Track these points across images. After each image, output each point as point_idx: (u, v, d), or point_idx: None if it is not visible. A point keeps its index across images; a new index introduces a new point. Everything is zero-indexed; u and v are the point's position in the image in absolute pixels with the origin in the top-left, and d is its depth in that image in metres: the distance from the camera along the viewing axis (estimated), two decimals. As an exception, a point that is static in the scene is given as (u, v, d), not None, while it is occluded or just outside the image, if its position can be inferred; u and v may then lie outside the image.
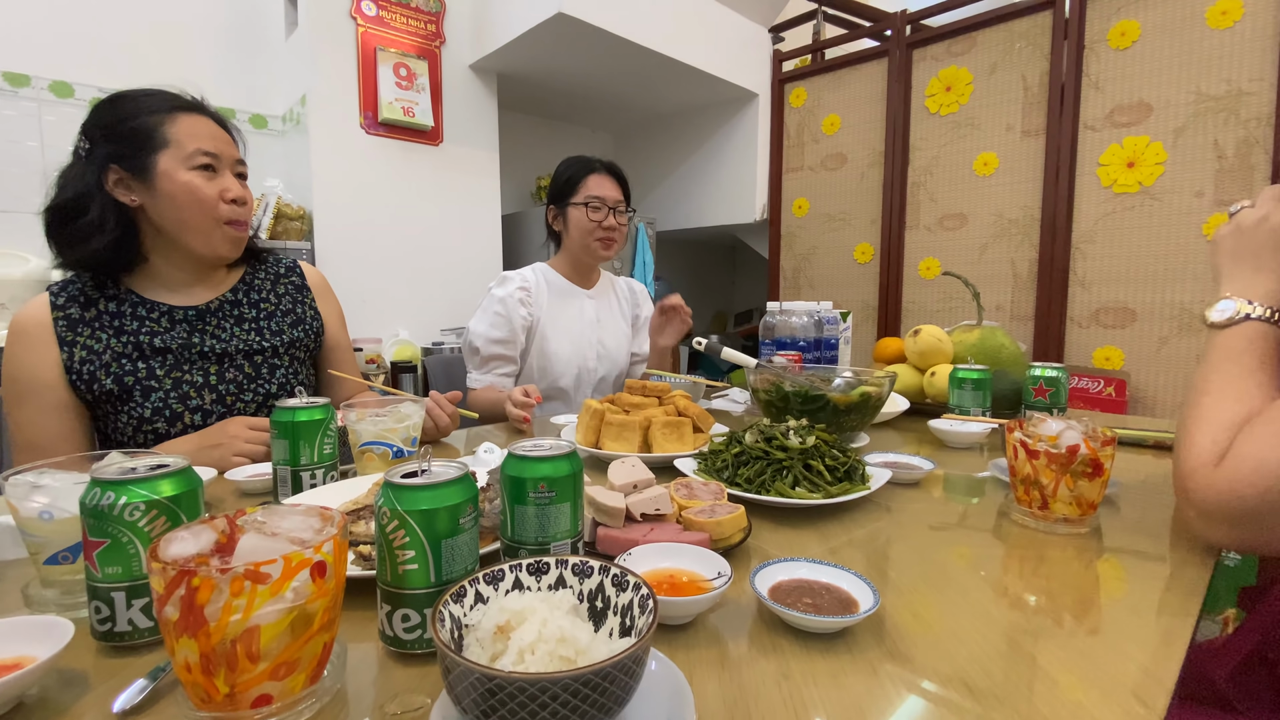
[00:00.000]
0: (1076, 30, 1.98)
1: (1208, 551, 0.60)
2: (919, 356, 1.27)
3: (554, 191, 1.46)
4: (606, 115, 3.38)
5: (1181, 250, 1.85)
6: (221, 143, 0.92)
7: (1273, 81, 1.67)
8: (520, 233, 2.90)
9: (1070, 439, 0.63)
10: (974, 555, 0.59)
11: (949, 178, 2.31)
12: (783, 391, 0.94)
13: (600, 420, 0.88)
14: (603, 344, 1.51)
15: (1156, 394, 1.93)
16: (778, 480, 0.69)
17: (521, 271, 1.45)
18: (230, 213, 0.92)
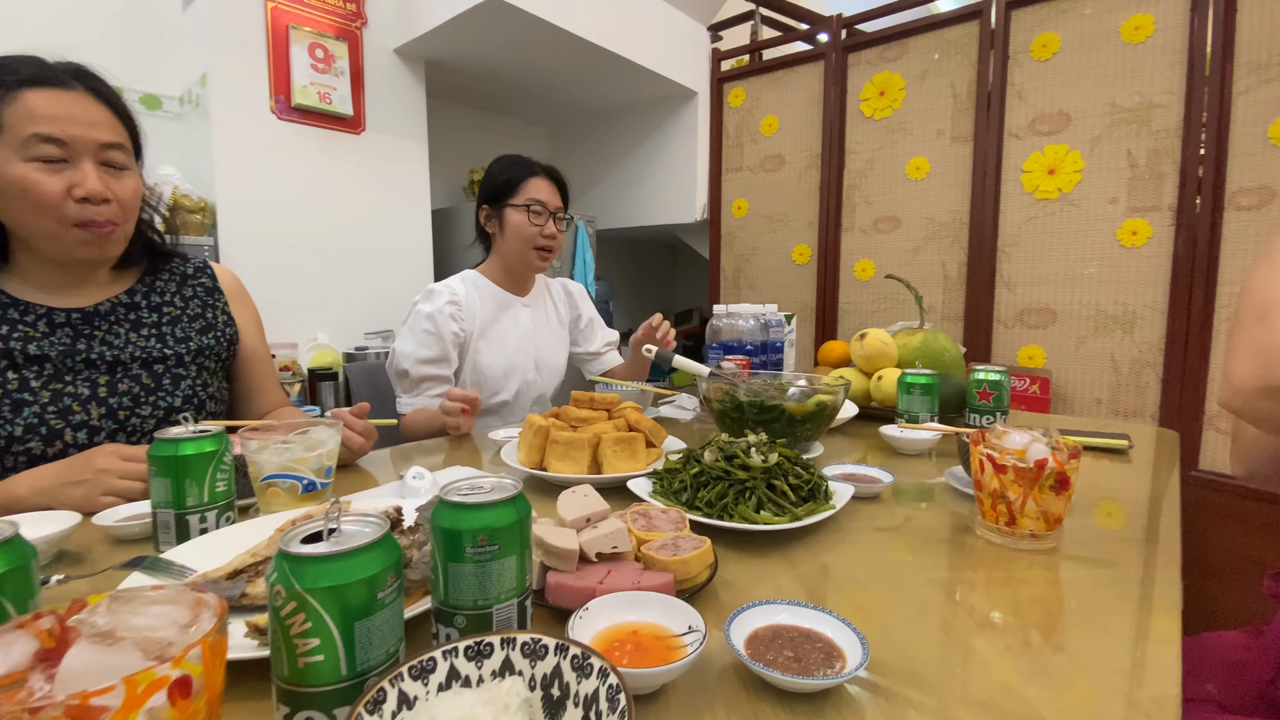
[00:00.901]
0: (1001, 41, 2.04)
1: (1171, 559, 0.60)
2: (865, 360, 1.26)
3: (489, 191, 1.35)
4: (543, 108, 3.27)
5: (1097, 254, 1.95)
6: (79, 125, 0.74)
7: (1181, 95, 1.77)
8: (452, 228, 2.76)
9: (1038, 453, 0.61)
10: (949, 581, 0.56)
11: (883, 181, 2.35)
12: (737, 401, 0.90)
13: (545, 438, 0.80)
14: (541, 355, 1.42)
15: (1075, 390, 2.02)
16: (741, 503, 0.63)
17: (449, 283, 1.33)
18: (80, 213, 0.75)
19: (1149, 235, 1.86)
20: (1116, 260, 1.92)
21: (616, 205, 3.24)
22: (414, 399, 1.27)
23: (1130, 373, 1.92)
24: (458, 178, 3.09)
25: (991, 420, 1.13)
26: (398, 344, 1.27)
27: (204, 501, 0.58)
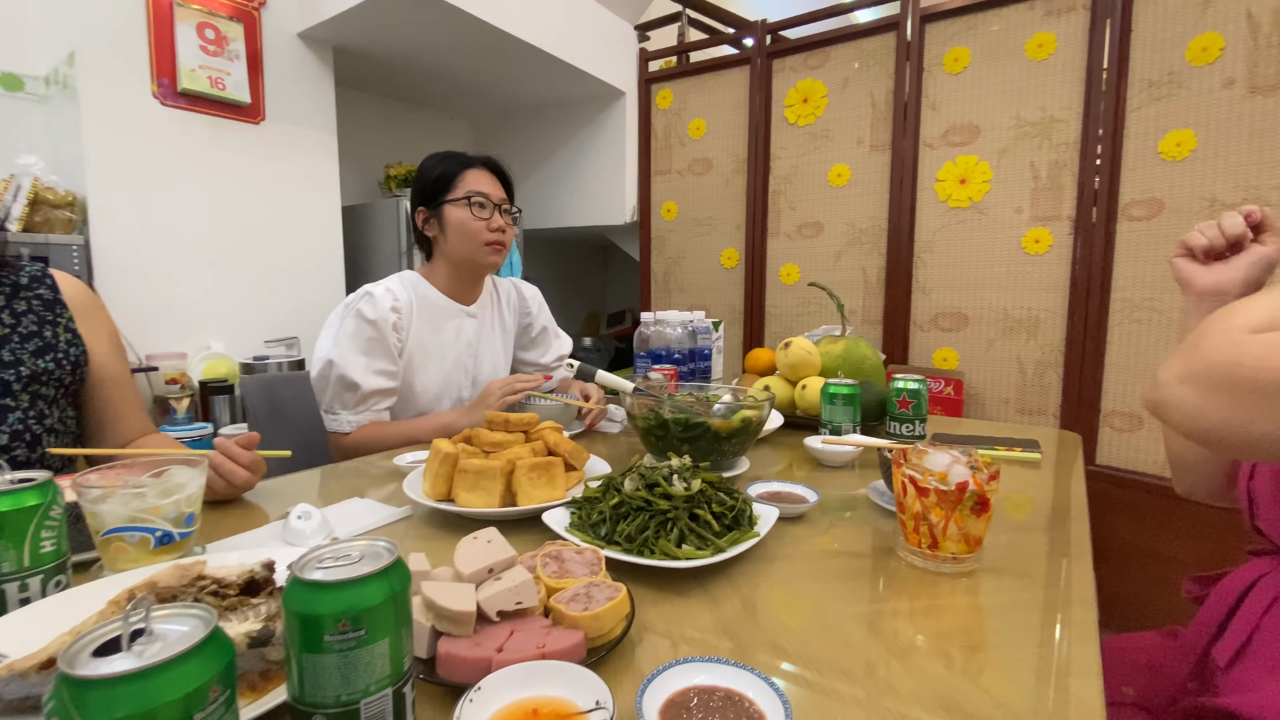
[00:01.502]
0: (917, 53, 2.11)
1: (1084, 572, 0.60)
2: (790, 369, 1.26)
3: (423, 191, 1.23)
4: (466, 102, 3.14)
5: (1004, 260, 2.05)
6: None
7: (1079, 111, 1.88)
8: (366, 226, 2.60)
9: (959, 475, 0.61)
10: (873, 615, 0.54)
11: (806, 187, 2.39)
12: (661, 419, 0.86)
13: (453, 466, 0.73)
14: (480, 371, 1.31)
15: (985, 390, 2.12)
16: (662, 536, 0.59)
17: (389, 285, 1.19)
18: None
19: (1050, 243, 1.97)
20: (1021, 267, 2.02)
21: (544, 205, 3.16)
22: (358, 415, 1.15)
23: (1034, 374, 2.03)
24: (372, 172, 2.91)
25: (911, 428, 1.15)
26: (335, 353, 1.12)
27: (24, 566, 0.49)
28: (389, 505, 0.77)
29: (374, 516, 0.73)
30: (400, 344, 1.16)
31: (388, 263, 2.52)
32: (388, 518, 0.73)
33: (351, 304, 1.15)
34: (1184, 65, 1.71)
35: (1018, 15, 1.95)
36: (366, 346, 1.12)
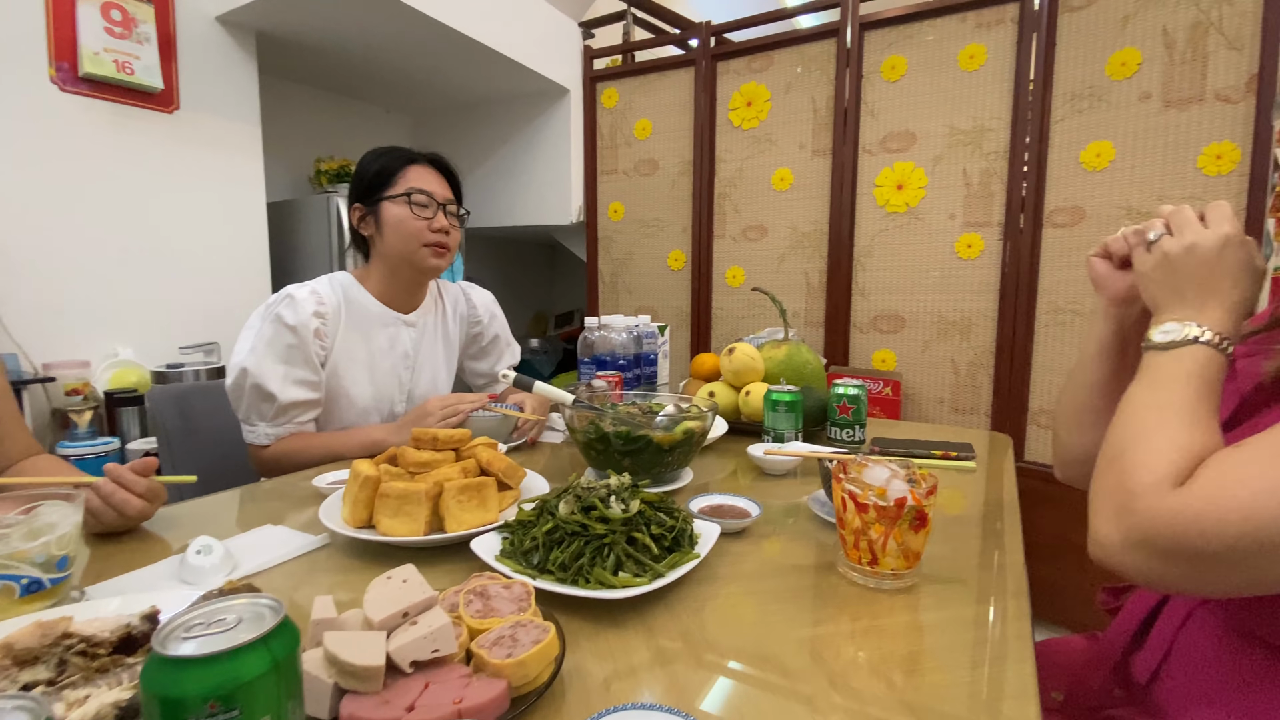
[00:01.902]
0: (856, 60, 2.15)
1: (1018, 588, 0.61)
2: (734, 375, 1.25)
3: (361, 187, 1.14)
4: (404, 95, 3.02)
5: (939, 264, 2.11)
6: None
7: (1008, 121, 1.95)
8: (294, 223, 2.46)
9: (897, 491, 0.60)
10: (814, 640, 0.52)
11: (751, 190, 2.40)
12: (602, 432, 0.83)
13: (374, 491, 0.68)
14: (417, 385, 1.23)
15: (922, 391, 2.18)
16: (597, 563, 0.56)
17: (315, 287, 1.09)
18: None
19: (981, 248, 2.04)
20: (955, 271, 2.09)
21: (487, 203, 3.08)
22: (276, 427, 1.06)
23: (967, 374, 2.10)
24: (301, 167, 2.77)
25: (851, 433, 1.16)
26: (251, 361, 1.03)
27: None
28: (305, 533, 0.72)
29: (286, 547, 0.67)
30: (324, 352, 1.08)
31: (318, 262, 2.40)
32: (301, 548, 0.68)
33: (271, 307, 1.06)
34: (1104, 79, 1.80)
35: (951, 26, 2.02)
36: (285, 354, 1.04)
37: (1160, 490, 0.46)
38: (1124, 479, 0.49)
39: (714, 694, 0.45)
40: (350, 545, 0.69)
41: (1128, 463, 0.49)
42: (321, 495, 0.84)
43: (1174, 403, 0.51)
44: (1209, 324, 0.54)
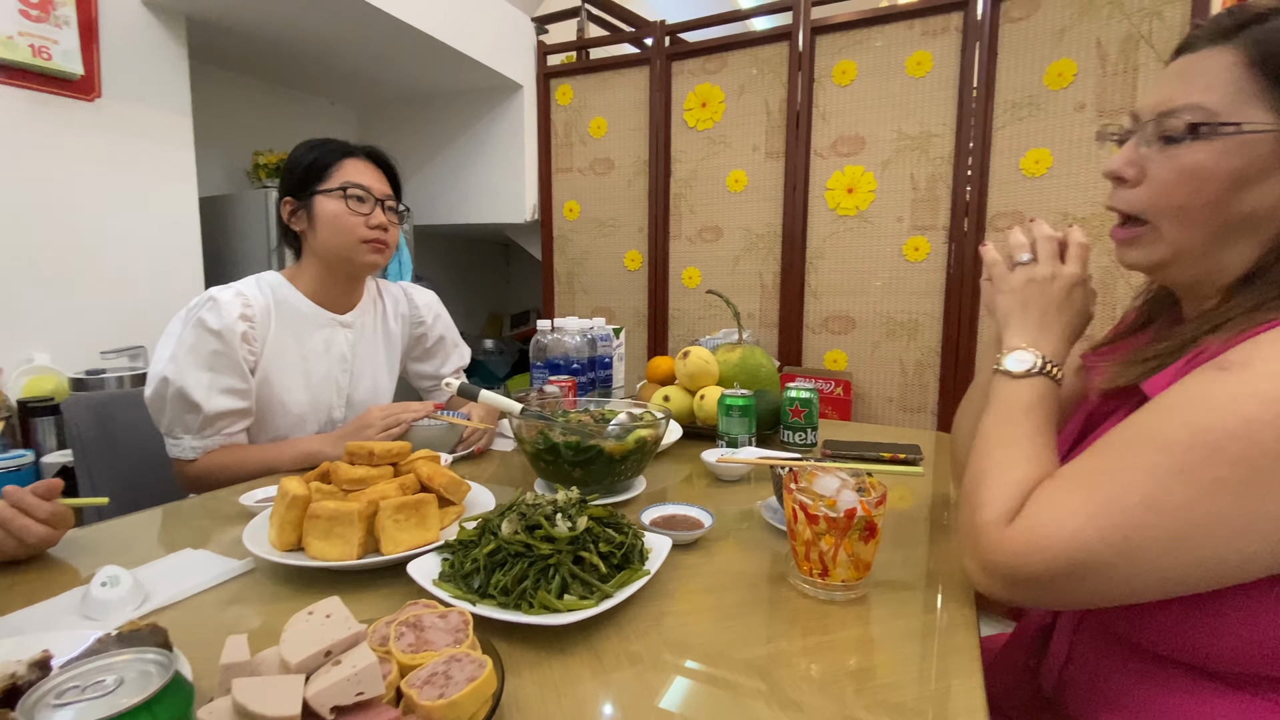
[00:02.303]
0: (808, 64, 2.17)
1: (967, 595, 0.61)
2: (689, 379, 1.24)
3: (292, 180, 1.08)
4: (348, 87, 2.91)
5: (888, 267, 2.15)
6: None
7: (953, 127, 2.00)
8: (230, 220, 2.34)
9: (847, 501, 0.59)
10: (766, 659, 0.51)
11: (706, 191, 2.40)
12: (551, 443, 0.80)
13: (303, 511, 0.64)
14: (356, 389, 1.17)
15: (871, 390, 2.23)
16: (542, 586, 0.54)
17: (241, 289, 1.03)
18: None
19: (928, 251, 2.09)
20: (902, 273, 2.13)
21: (438, 200, 2.99)
22: (203, 440, 1.00)
23: (915, 374, 2.16)
24: (238, 160, 2.63)
25: (803, 436, 1.16)
26: (172, 369, 0.96)
27: None
28: (227, 558, 0.67)
29: (205, 575, 0.62)
30: (253, 358, 1.02)
31: (255, 260, 2.28)
32: (222, 575, 0.63)
33: (193, 311, 0.99)
34: (1042, 89, 1.86)
35: (898, 33, 2.06)
36: (210, 361, 0.97)
37: (997, 527, 0.51)
38: (972, 515, 0.54)
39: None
40: (277, 571, 0.65)
41: (976, 500, 0.55)
42: (250, 514, 0.79)
43: (1019, 437, 0.57)
44: (1047, 352, 0.61)
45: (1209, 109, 0.51)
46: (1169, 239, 0.55)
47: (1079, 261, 0.62)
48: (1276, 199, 0.50)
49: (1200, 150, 0.51)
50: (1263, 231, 0.52)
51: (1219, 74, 0.51)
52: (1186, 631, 0.49)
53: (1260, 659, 0.47)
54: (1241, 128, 0.49)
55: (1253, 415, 0.42)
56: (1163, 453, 0.45)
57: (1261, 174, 0.50)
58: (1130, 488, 0.46)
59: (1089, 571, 0.46)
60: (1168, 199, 0.54)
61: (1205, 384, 0.46)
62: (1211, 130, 0.50)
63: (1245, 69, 0.50)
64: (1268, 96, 0.49)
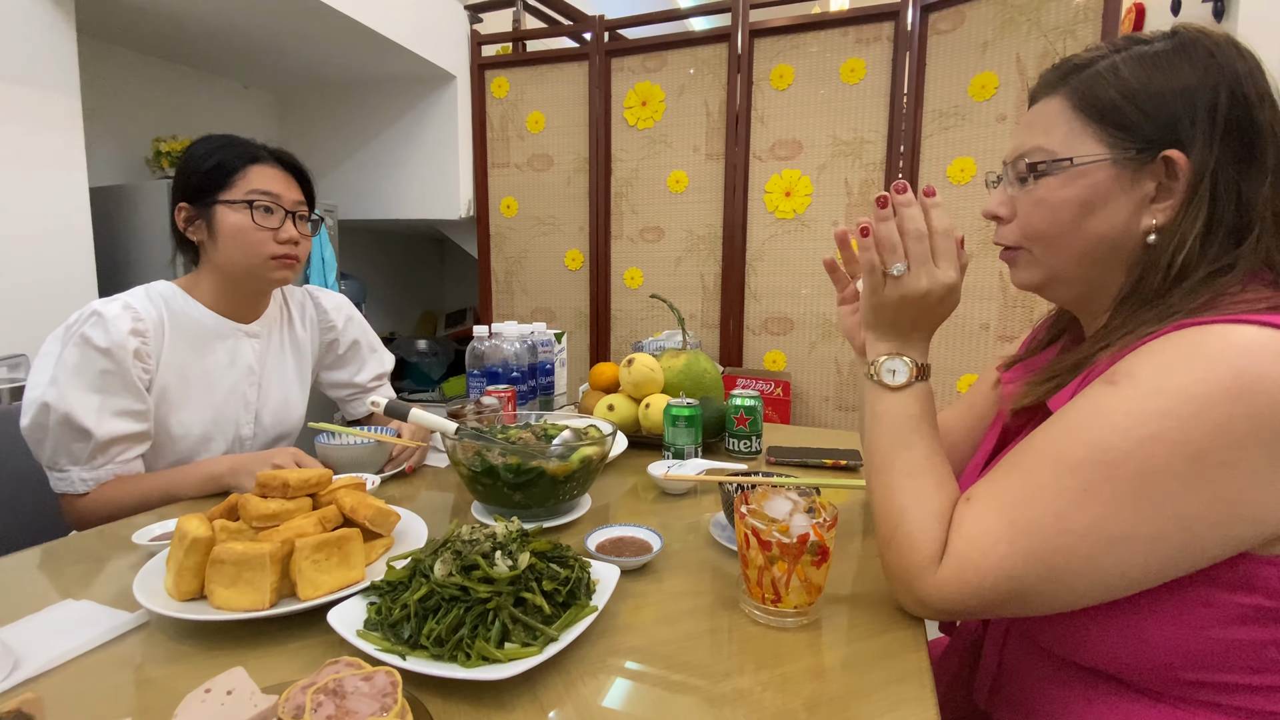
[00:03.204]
0: (747, 66, 2.18)
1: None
2: (633, 387, 1.21)
3: (189, 185, 0.97)
4: (264, 69, 2.70)
5: (823, 270, 2.19)
6: None
7: (884, 134, 2.05)
8: (128, 212, 2.13)
9: (800, 526, 0.58)
10: (719, 699, 0.49)
11: (647, 191, 2.38)
12: (489, 465, 0.76)
13: (205, 554, 0.57)
14: (266, 403, 1.08)
15: (809, 390, 2.27)
16: (480, 633, 0.50)
17: (129, 301, 0.93)
18: None
19: (863, 255, 2.14)
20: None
21: (365, 194, 2.84)
22: (94, 471, 0.89)
23: (849, 374, 2.21)
24: (136, 146, 2.40)
25: (748, 443, 1.15)
26: (51, 394, 0.85)
27: None
28: (116, 609, 0.59)
29: (89, 632, 0.54)
30: (147, 375, 0.92)
31: (157, 259, 2.09)
32: (110, 632, 0.55)
33: (73, 328, 0.88)
34: (966, 100, 1.93)
35: (833, 39, 2.09)
36: (98, 382, 0.87)
37: (929, 571, 0.53)
38: (901, 559, 0.56)
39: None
40: (177, 626, 0.57)
41: (900, 542, 0.56)
42: (144, 553, 0.70)
43: (920, 463, 0.59)
44: (917, 355, 0.63)
45: (1048, 149, 0.57)
46: (1042, 261, 0.61)
47: (955, 267, 0.61)
48: (1124, 220, 0.55)
49: (1048, 184, 0.58)
50: (1122, 252, 0.56)
51: (1054, 118, 0.58)
52: (1112, 644, 0.51)
53: (1182, 667, 0.49)
54: (1074, 161, 0.56)
55: (1144, 433, 0.45)
56: (1067, 472, 0.48)
57: (1104, 198, 0.55)
58: (1043, 511, 0.48)
59: (1015, 594, 0.50)
60: (1032, 228, 0.60)
61: (1097, 399, 0.49)
62: (1051, 166, 0.57)
63: (1073, 111, 0.57)
64: (1093, 131, 0.55)
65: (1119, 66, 0.55)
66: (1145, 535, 0.45)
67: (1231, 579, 0.45)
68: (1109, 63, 0.55)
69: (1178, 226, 0.52)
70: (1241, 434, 0.42)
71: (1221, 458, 0.43)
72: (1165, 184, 0.53)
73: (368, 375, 1.26)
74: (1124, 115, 0.54)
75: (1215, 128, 0.51)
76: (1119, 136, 0.54)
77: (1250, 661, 0.47)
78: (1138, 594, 0.47)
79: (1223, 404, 0.42)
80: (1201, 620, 0.47)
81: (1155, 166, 0.53)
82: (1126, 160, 0.54)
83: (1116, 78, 0.54)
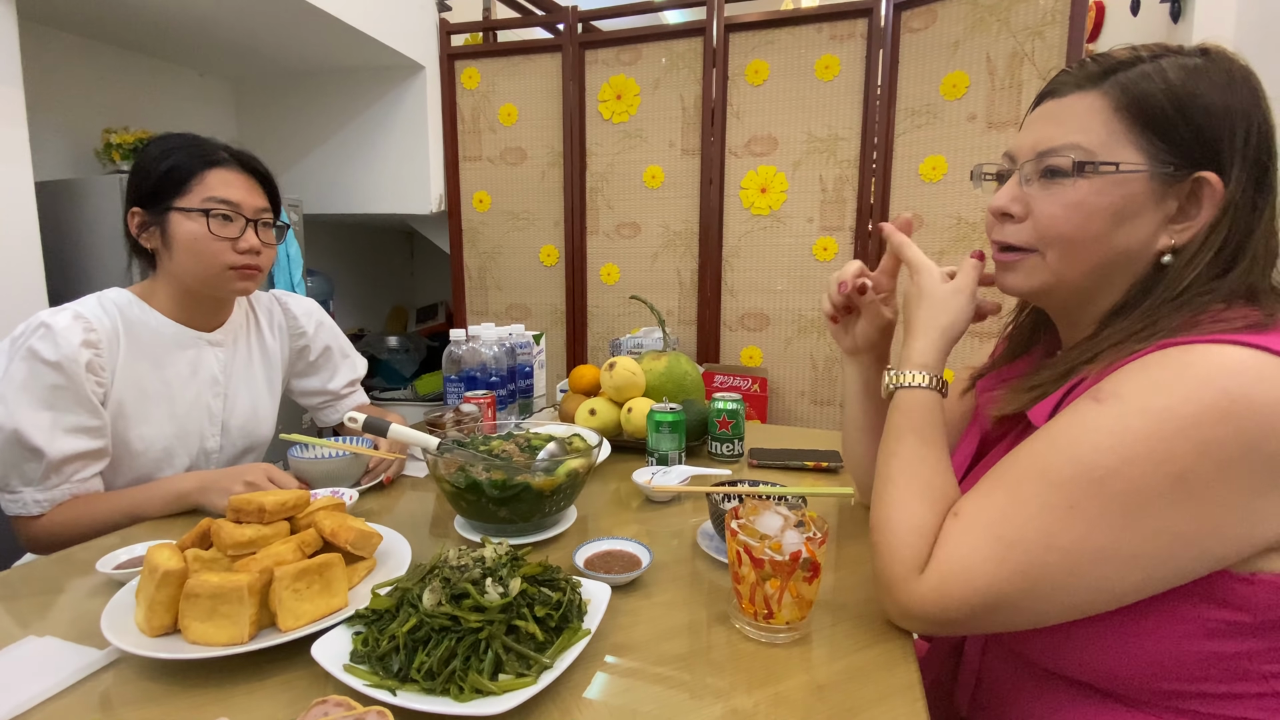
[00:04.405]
0: (722, 60, 2.17)
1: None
2: (615, 391, 1.20)
3: (143, 189, 0.92)
4: (221, 57, 2.59)
5: (799, 266, 2.21)
6: None
7: (858, 131, 2.07)
8: (76, 208, 2.03)
9: (792, 543, 0.58)
10: (719, 718, 0.49)
11: (623, 186, 2.36)
12: (473, 481, 0.74)
13: (178, 588, 0.54)
14: (233, 414, 1.04)
15: (785, 384, 2.29)
16: (472, 666, 0.48)
17: (81, 310, 0.89)
18: None
19: (836, 251, 2.16)
20: (812, 272, 2.20)
21: (332, 187, 2.75)
22: (48, 492, 0.84)
23: (824, 369, 2.24)
24: (85, 137, 2.28)
25: (731, 446, 1.15)
26: (0, 413, 0.81)
27: None
28: (83, 647, 0.56)
29: (56, 674, 0.52)
30: (101, 389, 0.88)
31: (109, 257, 1.99)
32: (79, 673, 0.52)
33: (19, 341, 0.83)
34: (938, 98, 1.95)
35: (807, 36, 2.09)
36: (48, 398, 0.83)
37: (910, 581, 0.54)
38: (883, 567, 0.57)
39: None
40: (150, 663, 0.55)
41: (883, 548, 0.57)
42: (108, 582, 0.67)
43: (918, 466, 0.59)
44: (939, 371, 0.64)
45: (1087, 149, 0.54)
46: (1053, 267, 0.58)
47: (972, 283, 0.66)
48: (1146, 236, 0.54)
49: (1083, 187, 0.54)
50: (1133, 267, 0.56)
51: (1091, 117, 0.54)
52: (1091, 655, 0.52)
53: (1160, 678, 0.50)
54: (1119, 167, 0.53)
55: (1130, 453, 0.45)
56: (1053, 489, 0.48)
57: (1136, 211, 0.53)
58: (1027, 527, 0.49)
59: (999, 609, 0.50)
60: (1055, 230, 0.56)
61: (1083, 416, 0.49)
62: (1094, 168, 0.53)
63: (1114, 113, 0.53)
64: (1135, 138, 0.52)
65: (1166, 71, 0.52)
66: (1128, 552, 0.46)
67: (1209, 595, 0.47)
68: (1155, 65, 0.52)
69: (1196, 249, 0.52)
70: (1226, 455, 0.43)
71: (1205, 477, 0.44)
72: (1185, 205, 0.53)
73: (340, 382, 1.22)
74: (1172, 126, 0.51)
75: (1247, 156, 0.50)
76: (1161, 148, 0.52)
77: (1225, 672, 0.48)
78: (1118, 608, 0.48)
79: (1208, 424, 0.43)
80: (1179, 633, 0.48)
81: (1183, 186, 0.52)
82: (1163, 175, 0.52)
83: (1166, 82, 0.51)
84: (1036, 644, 0.56)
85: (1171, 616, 0.48)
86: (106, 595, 0.63)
